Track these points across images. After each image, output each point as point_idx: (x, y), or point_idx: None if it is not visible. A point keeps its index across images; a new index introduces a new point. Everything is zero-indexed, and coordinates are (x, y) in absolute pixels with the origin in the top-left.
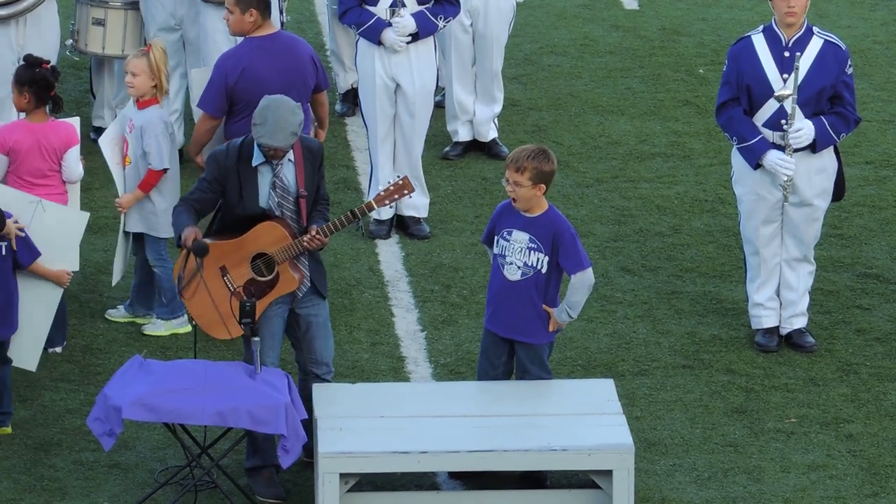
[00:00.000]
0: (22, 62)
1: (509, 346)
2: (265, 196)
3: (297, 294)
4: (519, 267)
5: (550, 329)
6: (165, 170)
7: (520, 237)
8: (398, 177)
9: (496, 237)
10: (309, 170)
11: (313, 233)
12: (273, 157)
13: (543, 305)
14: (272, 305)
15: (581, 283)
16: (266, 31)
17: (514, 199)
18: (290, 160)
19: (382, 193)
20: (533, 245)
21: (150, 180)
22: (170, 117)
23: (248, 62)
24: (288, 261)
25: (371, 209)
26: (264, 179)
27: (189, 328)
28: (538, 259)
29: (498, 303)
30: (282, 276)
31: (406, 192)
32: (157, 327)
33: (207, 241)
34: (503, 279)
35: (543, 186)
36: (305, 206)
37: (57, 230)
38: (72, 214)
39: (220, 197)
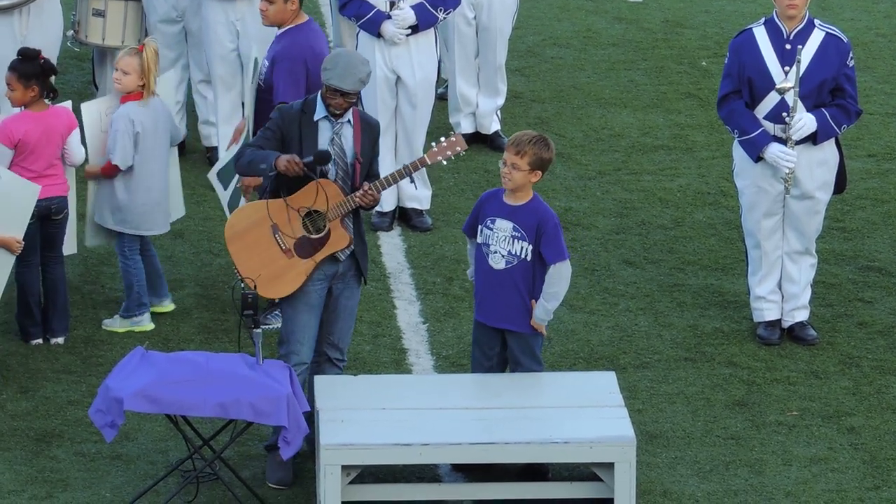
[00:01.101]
0: (18, 57)
1: (501, 336)
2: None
3: (339, 263)
4: (503, 256)
5: (533, 325)
6: (118, 167)
7: (503, 226)
8: (452, 133)
9: (479, 226)
10: (366, 140)
11: (366, 188)
12: (336, 106)
13: (532, 301)
14: (312, 280)
15: (559, 274)
16: (304, 18)
17: (506, 181)
18: (349, 122)
19: (436, 149)
20: (517, 234)
21: (107, 170)
22: (138, 115)
23: (318, 47)
24: (339, 218)
25: (424, 164)
26: (324, 135)
27: (151, 326)
28: (522, 248)
29: (484, 293)
30: (333, 233)
31: (459, 148)
32: (114, 322)
33: (260, 201)
34: (488, 268)
35: (539, 173)
36: (360, 171)
37: (8, 198)
38: (24, 185)
39: (279, 146)
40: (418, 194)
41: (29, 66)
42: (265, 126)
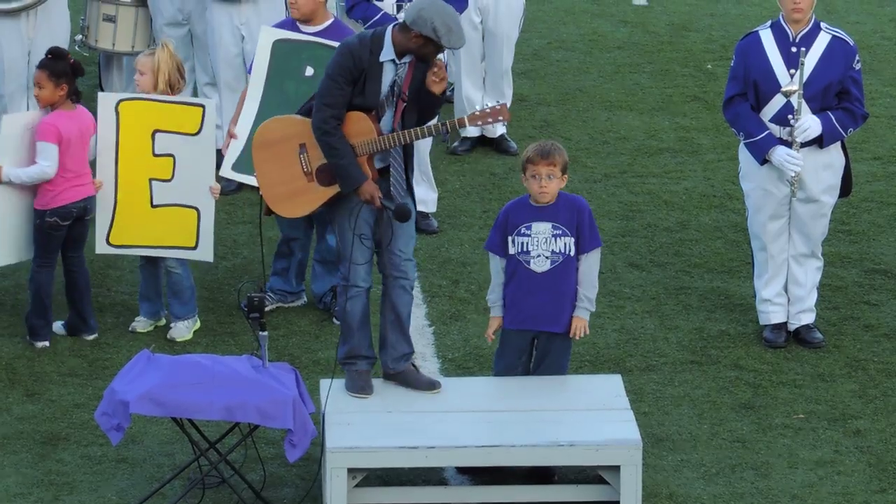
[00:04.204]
0: (48, 56)
1: (531, 341)
2: (384, 93)
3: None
4: (547, 257)
5: (578, 336)
6: None
7: (542, 228)
8: (497, 102)
9: (511, 237)
10: (419, 75)
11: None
12: (432, 56)
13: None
14: (355, 199)
15: (595, 261)
16: (331, 16)
17: (544, 195)
18: (407, 62)
19: (478, 113)
20: (558, 231)
21: None
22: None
23: None
24: (366, 156)
25: (462, 125)
26: (387, 76)
27: (199, 324)
28: (566, 244)
29: (523, 299)
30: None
31: (502, 118)
32: (183, 331)
33: (297, 116)
34: (529, 274)
35: (566, 176)
36: (400, 110)
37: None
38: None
39: (351, 92)
40: (424, 197)
41: (60, 65)
42: (335, 74)
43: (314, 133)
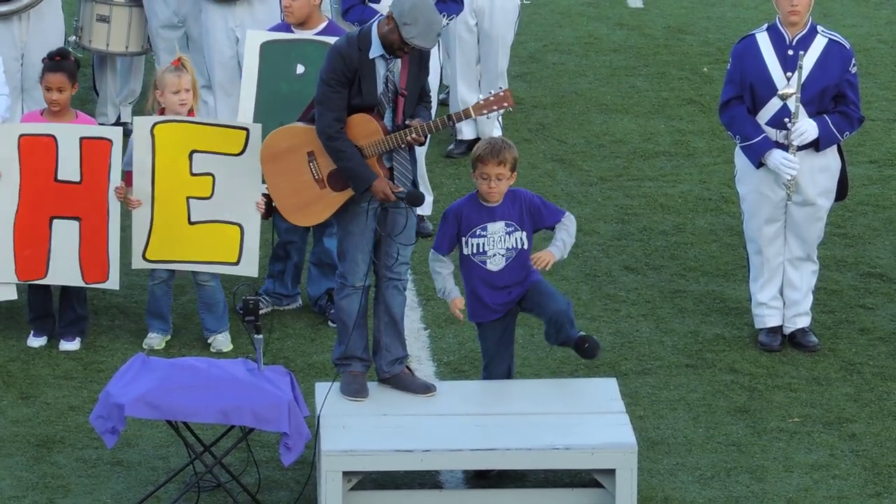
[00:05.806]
0: (57, 58)
1: (505, 323)
2: (380, 90)
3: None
4: (503, 255)
5: (539, 266)
6: None
7: (496, 227)
8: (500, 88)
9: (465, 238)
10: (414, 69)
11: (415, 123)
12: (406, 52)
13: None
14: (360, 201)
15: (572, 222)
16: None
17: (493, 195)
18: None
19: (482, 102)
20: (510, 228)
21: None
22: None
23: None
24: (376, 156)
25: (468, 116)
26: (379, 73)
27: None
28: (518, 238)
29: (485, 298)
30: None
31: (507, 104)
32: (225, 343)
33: (301, 124)
34: (486, 274)
35: (516, 173)
36: (403, 105)
37: None
38: None
39: (348, 94)
40: None
41: (73, 66)
42: (329, 79)
43: (320, 139)
